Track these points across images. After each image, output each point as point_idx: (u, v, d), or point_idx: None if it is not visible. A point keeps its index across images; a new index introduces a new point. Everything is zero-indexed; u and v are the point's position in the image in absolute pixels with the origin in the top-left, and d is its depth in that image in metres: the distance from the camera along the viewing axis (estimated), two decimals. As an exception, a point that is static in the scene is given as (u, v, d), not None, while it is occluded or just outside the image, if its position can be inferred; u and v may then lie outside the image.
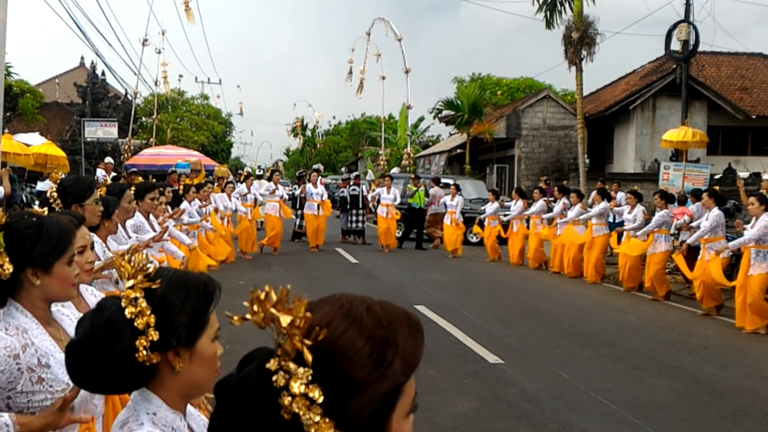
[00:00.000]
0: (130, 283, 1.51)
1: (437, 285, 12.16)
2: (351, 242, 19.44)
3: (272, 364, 1.00)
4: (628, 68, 29.91)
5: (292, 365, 0.99)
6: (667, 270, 12.36)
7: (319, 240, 17.40)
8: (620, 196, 14.92)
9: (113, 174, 17.20)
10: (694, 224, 10.78)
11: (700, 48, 20.88)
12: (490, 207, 16.66)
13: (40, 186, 16.07)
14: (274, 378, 0.99)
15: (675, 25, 19.49)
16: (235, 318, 1.06)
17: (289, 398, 0.97)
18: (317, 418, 0.97)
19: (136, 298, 1.49)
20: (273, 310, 1.00)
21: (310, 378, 0.98)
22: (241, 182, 17.38)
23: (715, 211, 10.24)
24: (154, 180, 9.97)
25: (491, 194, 17.18)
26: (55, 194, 3.64)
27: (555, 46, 19.92)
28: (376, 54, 31.45)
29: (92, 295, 2.87)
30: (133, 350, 1.47)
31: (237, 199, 15.68)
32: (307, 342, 0.98)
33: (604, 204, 13.38)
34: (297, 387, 0.97)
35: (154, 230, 6.34)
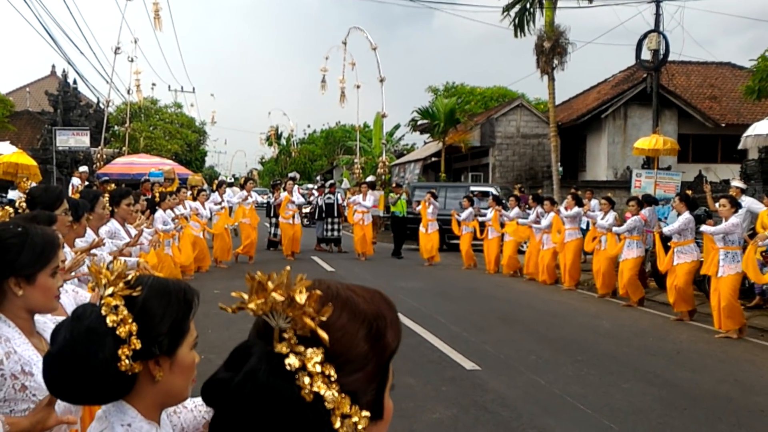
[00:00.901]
0: (110, 290, 1.47)
1: (413, 292, 12.16)
2: (327, 250, 19.40)
3: (281, 348, 0.99)
4: (599, 77, 30.36)
5: (301, 347, 0.99)
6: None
7: (295, 248, 17.33)
8: (593, 203, 15.06)
9: (86, 183, 17.00)
10: (665, 229, 10.89)
11: (670, 57, 21.21)
12: (465, 213, 16.74)
13: (11, 195, 15.82)
14: (288, 361, 0.98)
15: (645, 35, 19.80)
16: (230, 308, 1.05)
17: (308, 377, 0.97)
18: (337, 395, 0.98)
19: (116, 306, 1.46)
20: (275, 294, 0.99)
21: (323, 357, 0.99)
22: (215, 191, 17.27)
23: (686, 215, 10.36)
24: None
25: (466, 200, 17.25)
26: (24, 204, 3.59)
27: (527, 56, 20.13)
28: (351, 63, 31.48)
29: (64, 292, 2.82)
30: (115, 359, 1.44)
31: (212, 205, 15.59)
32: (322, 318, 0.99)
33: (577, 209, 13.50)
34: (312, 366, 0.97)
35: (130, 236, 6.27)
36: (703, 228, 9.67)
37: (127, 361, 1.45)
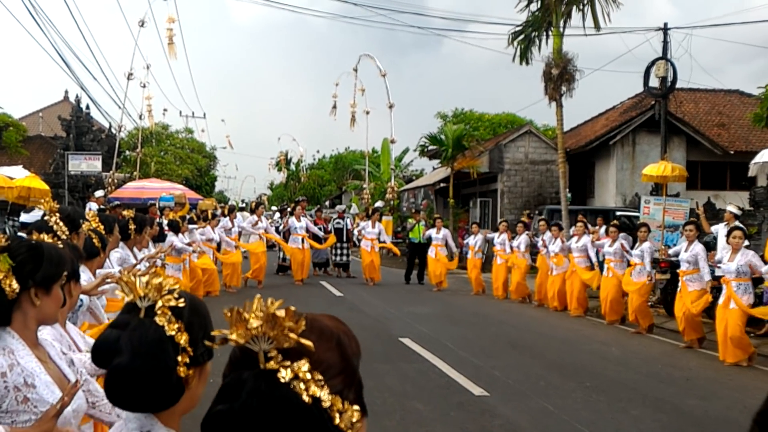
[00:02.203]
0: (160, 302, 1.54)
1: (422, 318, 12.17)
2: (334, 275, 19.45)
3: (272, 365, 1.09)
4: (607, 104, 30.46)
5: (287, 362, 1.09)
6: (650, 303, 12.47)
7: (304, 273, 17.39)
8: (603, 230, 15.09)
9: (101, 207, 17.12)
10: (671, 252, 10.94)
11: (678, 85, 21.29)
12: (474, 239, 16.77)
13: (24, 218, 15.95)
14: (281, 375, 1.08)
15: (653, 62, 19.90)
16: (215, 344, 1.16)
17: (302, 383, 1.08)
18: (330, 395, 1.10)
19: (170, 317, 1.53)
20: (253, 320, 1.09)
21: (309, 366, 1.10)
22: (226, 216, 17.37)
23: (698, 245, 10.33)
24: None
25: (475, 226, 17.30)
26: (60, 222, 3.68)
27: (535, 83, 20.10)
28: (360, 89, 31.83)
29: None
30: (176, 366, 1.52)
31: (222, 232, 15.70)
32: (303, 328, 1.10)
33: (586, 237, 13.51)
34: (303, 374, 1.09)
35: (136, 259, 6.34)
36: (722, 266, 9.56)
37: (184, 368, 1.52)
